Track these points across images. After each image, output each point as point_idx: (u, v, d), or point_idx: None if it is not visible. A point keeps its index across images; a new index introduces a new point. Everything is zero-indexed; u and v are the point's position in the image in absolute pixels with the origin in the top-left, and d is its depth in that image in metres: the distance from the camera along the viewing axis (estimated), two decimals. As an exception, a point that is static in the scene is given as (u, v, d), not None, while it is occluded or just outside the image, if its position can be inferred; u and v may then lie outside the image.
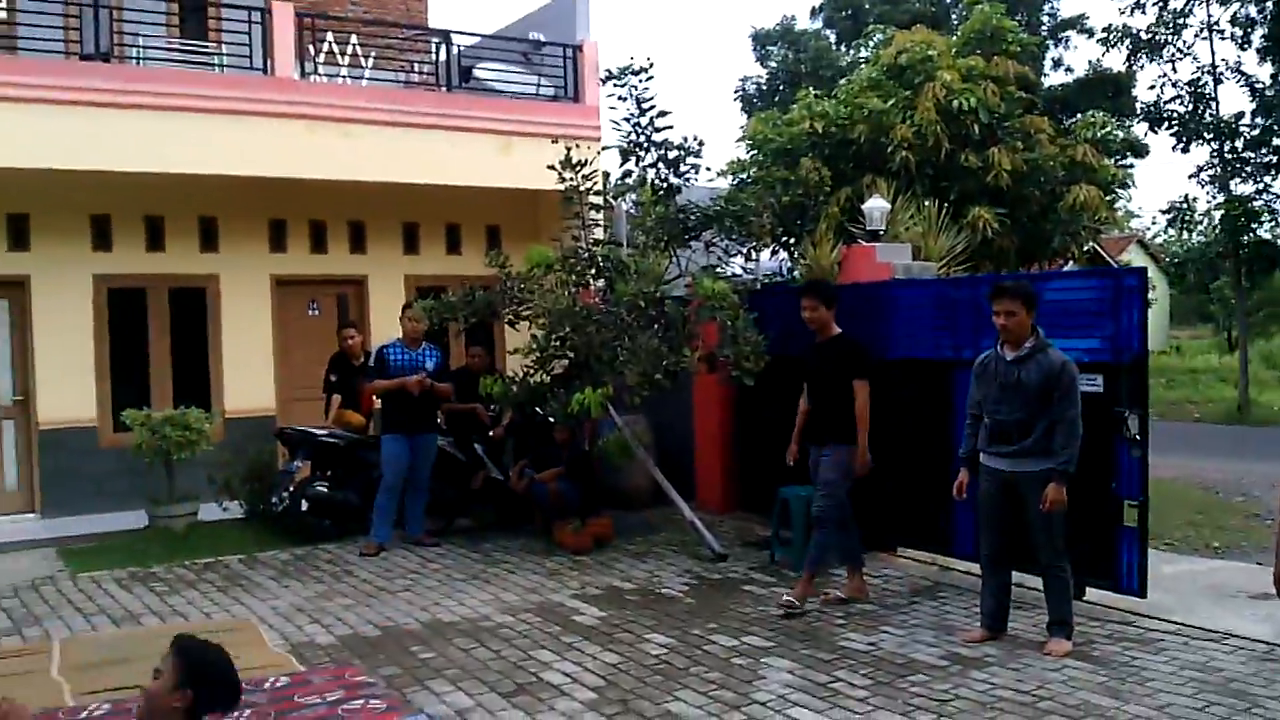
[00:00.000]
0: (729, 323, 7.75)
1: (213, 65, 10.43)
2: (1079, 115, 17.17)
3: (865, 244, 9.16)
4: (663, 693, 5.11)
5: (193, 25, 11.39)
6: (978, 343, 6.73)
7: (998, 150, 12.48)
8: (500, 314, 8.54)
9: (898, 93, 13.09)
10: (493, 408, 9.19)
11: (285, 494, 8.71)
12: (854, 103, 13.13)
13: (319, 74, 10.67)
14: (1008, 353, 5.65)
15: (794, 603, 6.36)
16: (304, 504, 8.66)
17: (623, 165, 9.01)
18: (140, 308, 10.38)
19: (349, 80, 10.85)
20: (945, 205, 11.21)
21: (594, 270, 8.58)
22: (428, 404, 8.52)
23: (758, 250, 9.07)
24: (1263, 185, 20.63)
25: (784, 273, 11.31)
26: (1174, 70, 21.04)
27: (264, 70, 10.08)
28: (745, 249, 8.81)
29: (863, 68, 15.29)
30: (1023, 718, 4.73)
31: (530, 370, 8.25)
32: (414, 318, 8.51)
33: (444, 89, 11.13)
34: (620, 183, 9.61)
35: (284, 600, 6.94)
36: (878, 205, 9.63)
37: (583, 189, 8.62)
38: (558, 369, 8.33)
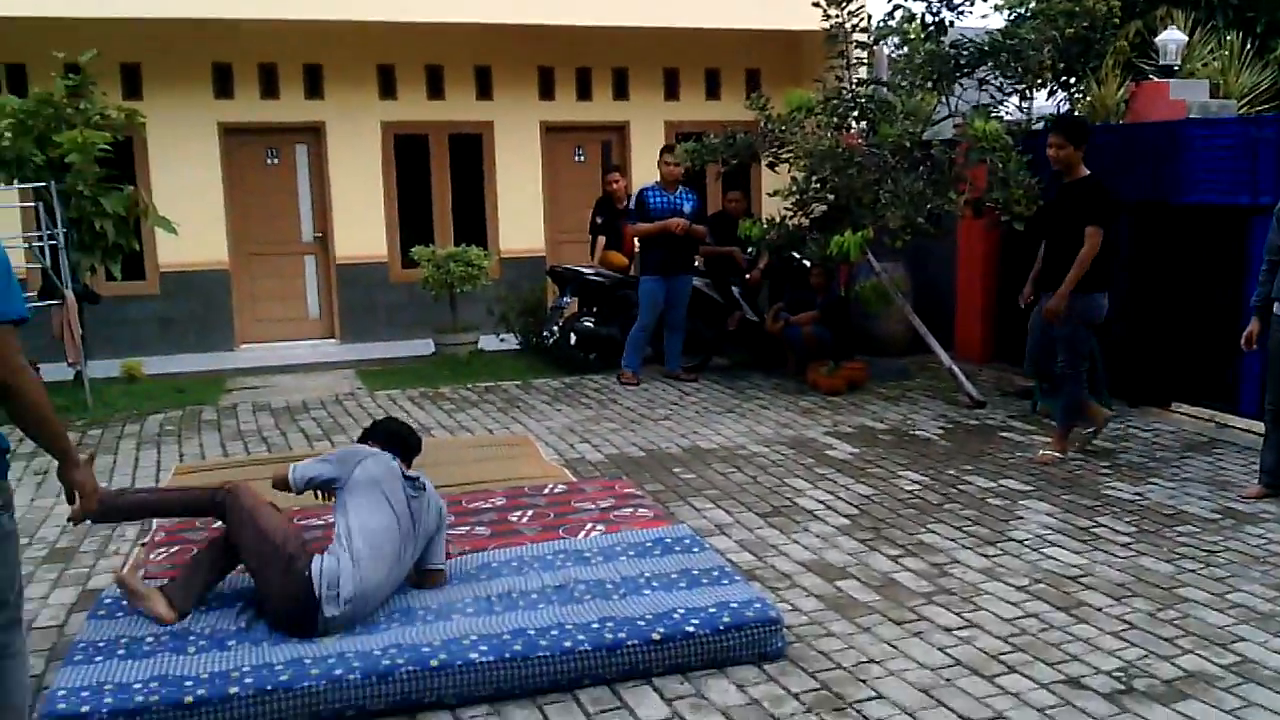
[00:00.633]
0: (1000, 165, 7.44)
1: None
2: None
3: (1157, 80, 8.46)
4: (916, 524, 5.22)
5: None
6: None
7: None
8: (760, 156, 8.55)
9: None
10: (750, 251, 9.31)
11: (555, 328, 9.27)
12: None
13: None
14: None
15: (1055, 455, 6.26)
16: (572, 338, 9.19)
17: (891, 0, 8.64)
18: (423, 153, 11.10)
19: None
20: (1250, 38, 10.11)
21: (856, 112, 8.39)
22: (684, 246, 8.74)
23: (1034, 89, 8.54)
24: None
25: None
26: None
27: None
28: (1021, 88, 8.32)
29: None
30: (1301, 573, 4.54)
31: (789, 213, 8.28)
32: (671, 161, 8.67)
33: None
34: (883, 24, 9.21)
35: (556, 422, 7.48)
36: (1173, 38, 8.85)
37: (848, 26, 8.38)
38: (816, 212, 8.30)
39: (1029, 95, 8.55)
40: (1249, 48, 9.77)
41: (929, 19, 8.29)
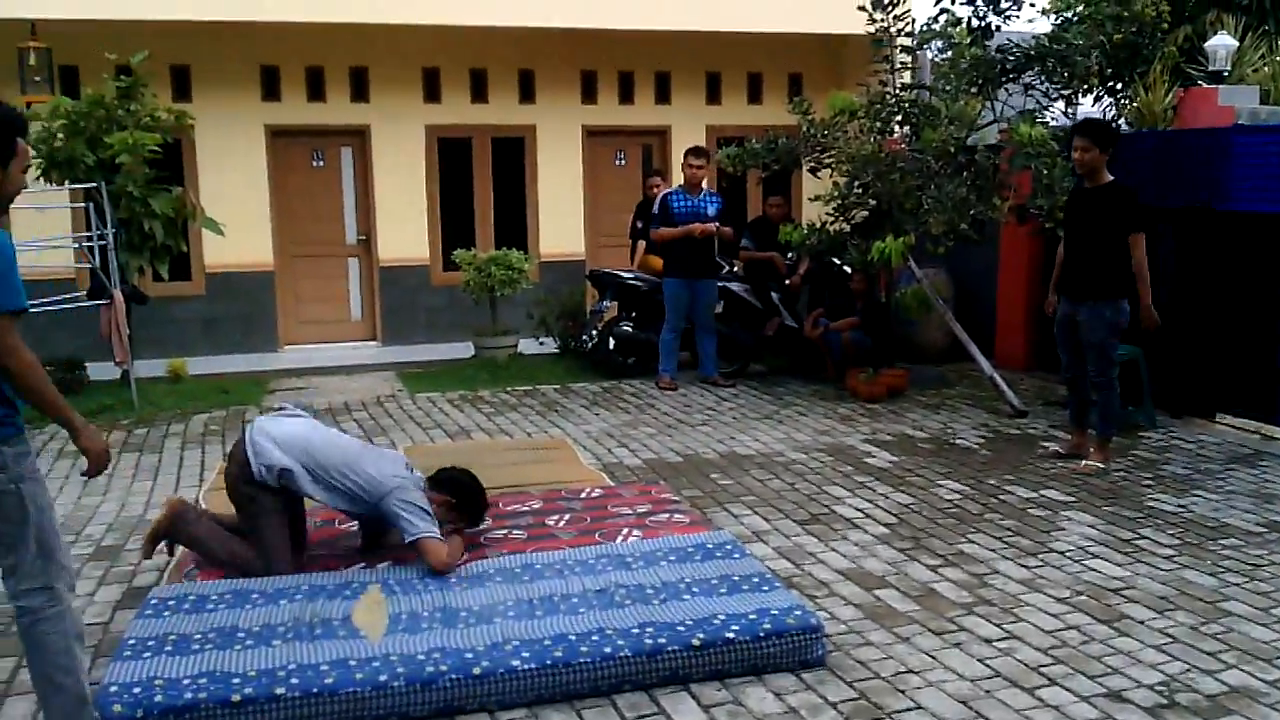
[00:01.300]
0: (1045, 171, 7.38)
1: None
2: None
3: (1206, 86, 8.35)
4: (956, 534, 5.19)
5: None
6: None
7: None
8: (802, 161, 8.54)
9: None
10: (790, 256, 9.30)
11: (594, 332, 9.31)
12: (1201, -72, 11.75)
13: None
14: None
15: (1097, 466, 6.20)
16: (611, 342, 9.23)
17: (938, 3, 8.56)
18: (465, 156, 11.19)
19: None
20: (1304, 43, 9.95)
21: (899, 116, 8.36)
22: (706, 248, 8.73)
23: (1081, 95, 8.45)
24: None
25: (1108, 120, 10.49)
26: None
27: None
28: (1067, 93, 8.23)
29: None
30: (1351, 590, 4.47)
31: (830, 218, 8.25)
32: (694, 164, 8.66)
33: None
34: (928, 28, 9.15)
35: (594, 426, 7.52)
36: (1223, 43, 8.73)
37: (893, 30, 8.35)
38: (858, 217, 8.28)
39: (1075, 101, 8.46)
40: (1301, 53, 9.61)
41: (974, 23, 8.22)
